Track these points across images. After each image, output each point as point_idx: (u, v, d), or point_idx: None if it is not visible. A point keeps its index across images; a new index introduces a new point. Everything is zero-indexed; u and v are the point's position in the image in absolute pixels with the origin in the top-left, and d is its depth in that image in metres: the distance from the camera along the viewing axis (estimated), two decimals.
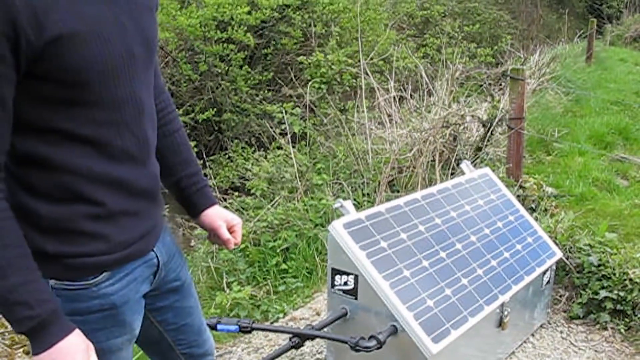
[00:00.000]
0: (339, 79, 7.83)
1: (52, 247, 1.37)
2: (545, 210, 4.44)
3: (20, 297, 1.29)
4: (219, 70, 9.12)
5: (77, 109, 1.34)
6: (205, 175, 6.86)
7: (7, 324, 3.16)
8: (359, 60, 6.57)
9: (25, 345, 3.01)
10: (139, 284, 1.55)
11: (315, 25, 9.17)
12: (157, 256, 1.60)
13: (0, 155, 1.29)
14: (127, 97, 1.41)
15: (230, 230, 1.81)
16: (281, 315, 3.83)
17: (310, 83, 7.59)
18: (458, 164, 4.63)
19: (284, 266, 4.39)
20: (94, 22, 1.31)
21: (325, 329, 2.68)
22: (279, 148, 6.41)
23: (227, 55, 9.07)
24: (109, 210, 1.43)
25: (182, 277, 1.74)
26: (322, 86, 7.61)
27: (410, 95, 6.39)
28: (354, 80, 7.58)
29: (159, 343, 1.77)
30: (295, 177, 5.38)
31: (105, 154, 1.40)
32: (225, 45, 8.89)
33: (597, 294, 3.50)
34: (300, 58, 8.51)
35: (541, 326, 3.50)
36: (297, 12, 9.26)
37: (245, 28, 8.97)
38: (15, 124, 1.30)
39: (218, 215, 1.81)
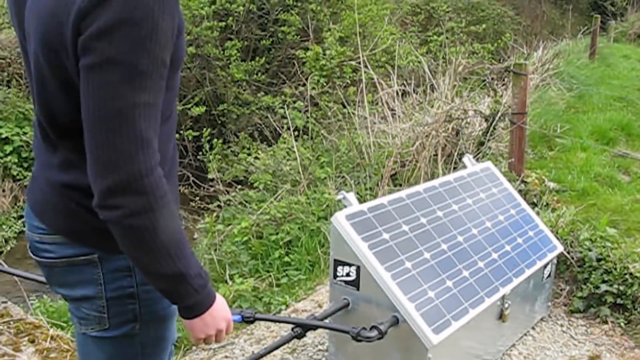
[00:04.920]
0: (339, 73, 7.83)
1: None
2: (547, 204, 4.46)
3: (197, 269, 1.39)
4: (219, 64, 9.12)
5: (170, 94, 1.41)
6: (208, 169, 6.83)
7: (12, 312, 3.19)
8: (361, 53, 6.57)
9: (30, 334, 3.04)
10: None
11: (314, 18, 9.18)
12: None
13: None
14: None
15: None
16: (283, 307, 3.85)
17: (310, 76, 7.60)
18: (460, 159, 4.65)
19: (286, 259, 4.41)
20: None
21: (327, 320, 2.70)
22: (283, 142, 6.42)
23: (224, 50, 9.07)
24: (173, 188, 1.50)
25: None
26: (322, 79, 7.61)
27: (413, 89, 6.40)
28: (355, 74, 7.58)
29: None
30: (299, 171, 5.40)
31: (171, 134, 1.49)
32: (214, 22, 8.88)
33: (597, 288, 3.52)
34: (299, 52, 8.50)
35: (542, 319, 3.52)
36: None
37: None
38: None
39: None
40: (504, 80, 7.45)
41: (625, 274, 3.48)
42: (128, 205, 1.26)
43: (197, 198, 6.06)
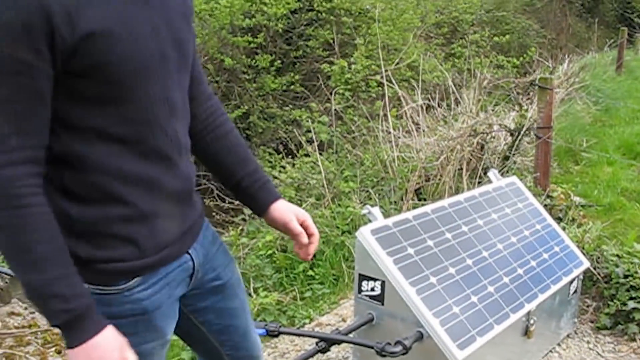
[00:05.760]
0: (364, 87, 7.85)
1: (84, 252, 1.37)
2: (573, 219, 4.42)
3: (57, 290, 1.29)
4: (247, 77, 9.20)
5: (110, 106, 1.34)
6: None
7: (40, 323, 3.24)
8: (382, 69, 6.59)
9: (57, 345, 3.07)
10: (173, 288, 1.53)
11: (339, 32, 9.25)
12: (192, 258, 1.58)
13: (40, 150, 1.30)
14: (159, 96, 1.41)
15: (303, 225, 1.74)
16: (307, 321, 3.85)
17: (335, 90, 7.62)
18: (485, 173, 4.64)
19: (310, 272, 4.42)
20: (124, 22, 1.32)
21: (351, 334, 2.71)
22: (306, 155, 6.45)
23: (254, 60, 9.17)
24: (140, 212, 1.42)
25: (224, 276, 1.70)
26: (347, 93, 7.64)
27: (438, 103, 6.40)
28: (380, 88, 7.59)
29: (203, 343, 1.75)
30: (323, 185, 5.41)
31: (137, 153, 1.40)
32: (249, 36, 9.02)
33: (625, 304, 3.48)
34: (324, 66, 8.55)
35: (568, 336, 3.48)
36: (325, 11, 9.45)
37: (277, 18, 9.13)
38: (51, 122, 1.31)
39: (288, 209, 1.75)
40: (529, 94, 7.42)
41: None
42: None
43: (222, 211, 6.09)
